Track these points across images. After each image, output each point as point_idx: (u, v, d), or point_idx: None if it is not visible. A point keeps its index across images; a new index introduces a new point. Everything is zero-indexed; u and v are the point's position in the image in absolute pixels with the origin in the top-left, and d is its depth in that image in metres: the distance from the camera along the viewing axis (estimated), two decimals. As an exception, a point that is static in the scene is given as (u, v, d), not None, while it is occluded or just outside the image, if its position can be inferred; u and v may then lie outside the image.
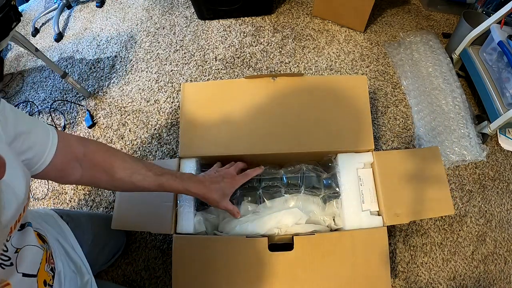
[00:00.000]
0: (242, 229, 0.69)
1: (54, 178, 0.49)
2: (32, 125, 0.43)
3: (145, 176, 0.56)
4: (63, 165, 0.47)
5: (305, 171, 0.75)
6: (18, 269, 0.38)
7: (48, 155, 0.44)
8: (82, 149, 0.50)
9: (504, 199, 1.01)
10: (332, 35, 1.36)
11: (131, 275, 0.91)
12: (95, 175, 0.52)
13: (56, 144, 0.45)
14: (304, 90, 0.79)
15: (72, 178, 0.50)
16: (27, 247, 0.41)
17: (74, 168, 0.50)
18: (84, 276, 0.57)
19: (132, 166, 0.55)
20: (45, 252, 0.45)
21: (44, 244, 0.46)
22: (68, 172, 0.49)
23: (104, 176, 0.53)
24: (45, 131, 0.45)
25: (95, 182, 0.54)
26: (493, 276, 0.90)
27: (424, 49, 1.27)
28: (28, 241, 0.42)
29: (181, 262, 0.65)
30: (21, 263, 0.39)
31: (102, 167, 0.52)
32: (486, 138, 1.07)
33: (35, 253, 0.43)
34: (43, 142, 0.44)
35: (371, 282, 0.64)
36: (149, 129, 1.17)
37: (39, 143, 0.43)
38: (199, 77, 1.28)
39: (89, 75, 1.36)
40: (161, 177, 0.57)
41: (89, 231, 0.71)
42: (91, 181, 0.53)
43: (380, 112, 1.16)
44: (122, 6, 1.59)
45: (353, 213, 0.69)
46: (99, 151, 0.53)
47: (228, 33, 1.40)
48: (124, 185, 0.55)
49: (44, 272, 0.43)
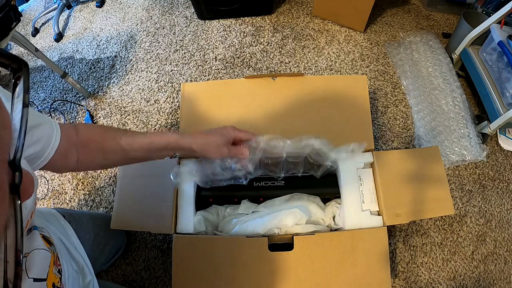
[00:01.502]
0: (242, 229, 0.69)
1: (56, 168, 0.50)
2: (40, 119, 0.44)
3: (134, 137, 0.53)
4: (63, 153, 0.48)
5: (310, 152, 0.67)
6: (28, 274, 0.38)
7: (53, 145, 0.45)
8: (74, 132, 0.50)
9: (504, 199, 1.01)
10: (332, 35, 1.36)
11: (131, 275, 0.91)
12: (88, 154, 0.52)
13: (60, 133, 0.46)
14: (304, 90, 0.79)
15: (70, 165, 0.51)
16: (35, 251, 0.41)
17: (71, 154, 0.50)
18: (86, 277, 0.57)
19: (119, 132, 0.54)
20: (52, 254, 0.44)
21: (50, 246, 0.46)
22: (67, 160, 0.49)
23: (97, 153, 0.52)
24: (49, 123, 0.45)
25: (90, 162, 0.53)
26: (493, 276, 0.90)
27: (424, 49, 1.27)
28: (36, 245, 0.42)
29: (181, 262, 0.65)
30: (31, 267, 0.38)
31: (93, 143, 0.52)
32: (486, 138, 1.07)
33: (44, 257, 0.42)
34: (49, 134, 0.45)
35: (371, 282, 0.64)
36: (149, 129, 1.17)
37: (46, 135, 0.44)
38: (199, 77, 1.28)
39: (89, 75, 1.35)
40: (150, 134, 0.55)
41: (90, 231, 0.71)
42: (86, 161, 0.52)
43: (380, 112, 1.16)
44: (122, 6, 1.59)
45: (353, 213, 0.69)
46: (87, 129, 0.53)
47: (228, 33, 1.40)
48: (116, 154, 0.53)
49: (52, 274, 0.42)
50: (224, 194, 0.75)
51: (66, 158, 0.49)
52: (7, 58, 0.21)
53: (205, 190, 0.74)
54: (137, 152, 0.54)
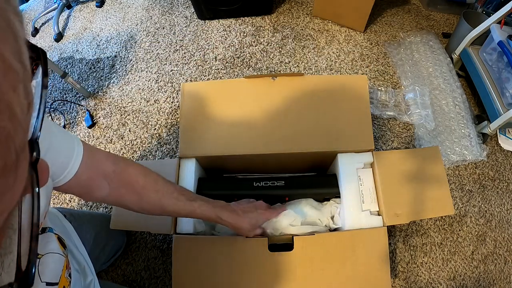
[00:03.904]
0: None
1: (78, 194, 0.47)
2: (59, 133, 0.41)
3: (177, 200, 0.52)
4: (88, 181, 0.44)
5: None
6: (41, 278, 0.37)
7: (72, 167, 0.41)
8: (111, 166, 0.47)
9: (504, 199, 1.01)
10: (332, 35, 1.36)
11: (131, 275, 0.91)
12: (123, 195, 0.49)
13: (82, 156, 0.42)
14: (304, 90, 0.79)
15: (98, 195, 0.48)
16: (49, 254, 0.40)
17: (101, 186, 0.47)
18: (87, 277, 0.56)
19: (163, 189, 0.51)
20: (65, 258, 0.44)
21: (65, 249, 0.45)
22: (93, 189, 0.46)
23: (132, 196, 0.50)
24: (68, 140, 0.42)
25: (122, 202, 0.51)
26: (493, 276, 0.90)
27: (424, 49, 1.27)
28: (50, 248, 0.41)
29: (181, 262, 0.65)
30: (44, 271, 0.38)
31: (131, 187, 0.49)
32: (486, 138, 1.07)
33: (57, 261, 0.41)
34: (67, 153, 0.41)
35: (371, 282, 0.64)
36: (149, 129, 1.17)
37: (63, 153, 0.40)
38: (199, 77, 1.28)
39: (89, 75, 1.35)
40: (193, 202, 0.54)
41: (91, 230, 0.71)
42: (117, 200, 0.50)
43: (380, 112, 1.16)
44: (122, 6, 1.59)
45: (353, 213, 0.69)
46: (130, 170, 0.50)
47: (228, 33, 1.40)
48: (153, 208, 0.51)
49: (64, 278, 0.42)
50: (224, 194, 0.75)
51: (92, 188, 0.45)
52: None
53: (205, 190, 0.74)
54: (174, 213, 0.54)
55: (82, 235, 0.64)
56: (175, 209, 0.53)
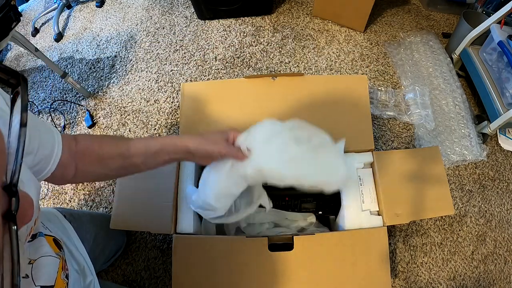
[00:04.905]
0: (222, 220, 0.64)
1: (55, 180, 0.47)
2: (42, 127, 0.42)
3: (131, 142, 0.51)
4: (63, 165, 0.45)
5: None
6: (35, 282, 0.37)
7: (56, 156, 0.42)
8: (74, 142, 0.48)
9: (504, 199, 1.01)
10: (332, 35, 1.36)
11: (131, 275, 0.91)
12: (85, 164, 0.49)
13: (62, 144, 0.44)
14: (304, 90, 0.79)
15: (69, 177, 0.48)
16: (42, 258, 0.40)
17: (71, 166, 0.48)
18: (87, 277, 0.56)
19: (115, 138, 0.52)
20: (61, 260, 0.44)
21: (60, 251, 0.45)
22: (67, 171, 0.47)
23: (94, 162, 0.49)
24: (51, 133, 0.43)
25: (88, 173, 0.50)
26: (493, 276, 0.90)
27: (424, 49, 1.27)
28: (43, 252, 0.41)
29: (181, 262, 0.65)
30: (38, 275, 0.38)
31: (90, 151, 0.49)
32: (486, 138, 1.07)
33: (51, 264, 0.41)
34: (51, 145, 0.42)
35: (371, 282, 0.64)
36: (149, 129, 1.17)
37: (49, 147, 0.41)
38: (199, 77, 1.28)
39: (89, 75, 1.35)
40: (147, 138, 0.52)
41: (90, 231, 0.71)
42: (84, 174, 0.50)
43: (380, 112, 1.16)
44: (122, 6, 1.59)
45: (353, 213, 0.69)
46: (85, 138, 0.50)
47: (228, 33, 1.40)
48: (114, 162, 0.50)
49: (60, 280, 0.42)
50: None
51: (65, 170, 0.47)
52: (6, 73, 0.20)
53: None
54: (135, 158, 0.51)
55: (82, 235, 0.64)
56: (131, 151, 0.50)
